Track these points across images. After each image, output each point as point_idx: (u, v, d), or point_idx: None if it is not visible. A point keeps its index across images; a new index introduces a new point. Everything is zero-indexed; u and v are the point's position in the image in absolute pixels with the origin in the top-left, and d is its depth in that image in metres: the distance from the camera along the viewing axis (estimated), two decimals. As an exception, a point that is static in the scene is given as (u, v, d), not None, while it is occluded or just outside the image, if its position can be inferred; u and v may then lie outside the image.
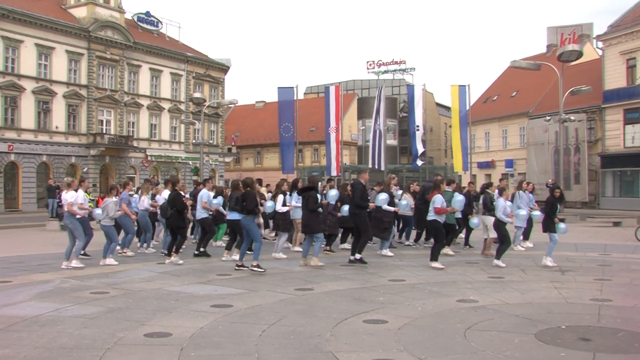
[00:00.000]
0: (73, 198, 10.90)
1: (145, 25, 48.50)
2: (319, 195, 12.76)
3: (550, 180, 28.33)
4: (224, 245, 13.23)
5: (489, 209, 12.62)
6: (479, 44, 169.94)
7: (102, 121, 42.93)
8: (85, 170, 40.73)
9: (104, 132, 42.65)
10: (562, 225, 11.34)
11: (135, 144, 44.47)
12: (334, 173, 26.03)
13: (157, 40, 48.35)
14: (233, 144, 57.77)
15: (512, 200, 13.46)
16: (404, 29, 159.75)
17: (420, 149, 27.34)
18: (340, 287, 8.99)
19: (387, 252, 12.84)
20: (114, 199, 11.78)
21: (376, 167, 27.51)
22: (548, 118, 36.36)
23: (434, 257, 10.99)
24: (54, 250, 13.48)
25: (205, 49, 70.66)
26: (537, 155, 43.16)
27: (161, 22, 50.08)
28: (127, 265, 11.30)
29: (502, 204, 11.30)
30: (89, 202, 16.39)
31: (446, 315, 7.14)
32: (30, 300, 7.85)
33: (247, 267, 10.50)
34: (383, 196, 12.18)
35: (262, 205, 11.80)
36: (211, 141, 52.12)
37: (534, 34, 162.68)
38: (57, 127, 39.59)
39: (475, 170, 46.14)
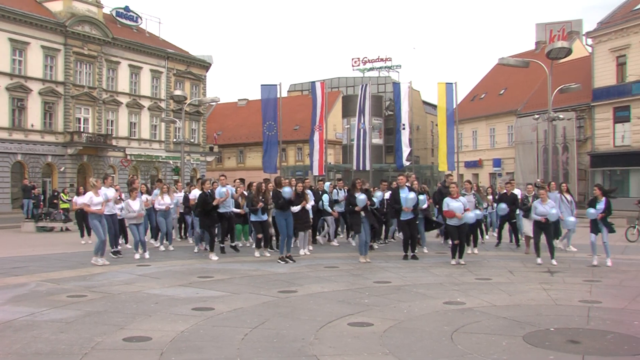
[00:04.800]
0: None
1: (124, 21, 47.31)
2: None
3: (538, 180, 27.81)
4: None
5: (527, 209, 13.13)
6: (466, 41, 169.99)
7: (79, 119, 41.85)
8: (62, 170, 39.83)
9: (82, 130, 41.60)
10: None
11: (114, 142, 43.38)
12: (316, 172, 25.43)
13: (136, 36, 47.23)
14: (215, 142, 56.78)
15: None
16: (389, 25, 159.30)
17: (406, 148, 26.58)
18: (325, 289, 8.91)
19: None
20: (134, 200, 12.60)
21: (360, 167, 26.75)
22: (536, 116, 35.75)
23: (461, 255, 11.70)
24: (29, 253, 13.49)
25: (186, 46, 69.39)
26: (526, 154, 42.68)
27: (141, 18, 49.02)
28: (105, 267, 11.23)
29: (538, 206, 11.90)
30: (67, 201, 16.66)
31: (433, 317, 7.12)
32: (4, 305, 7.68)
33: (293, 259, 11.69)
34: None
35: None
36: (192, 140, 51.19)
37: (523, 31, 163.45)
38: (32, 125, 38.51)
39: (462, 169, 45.57)
